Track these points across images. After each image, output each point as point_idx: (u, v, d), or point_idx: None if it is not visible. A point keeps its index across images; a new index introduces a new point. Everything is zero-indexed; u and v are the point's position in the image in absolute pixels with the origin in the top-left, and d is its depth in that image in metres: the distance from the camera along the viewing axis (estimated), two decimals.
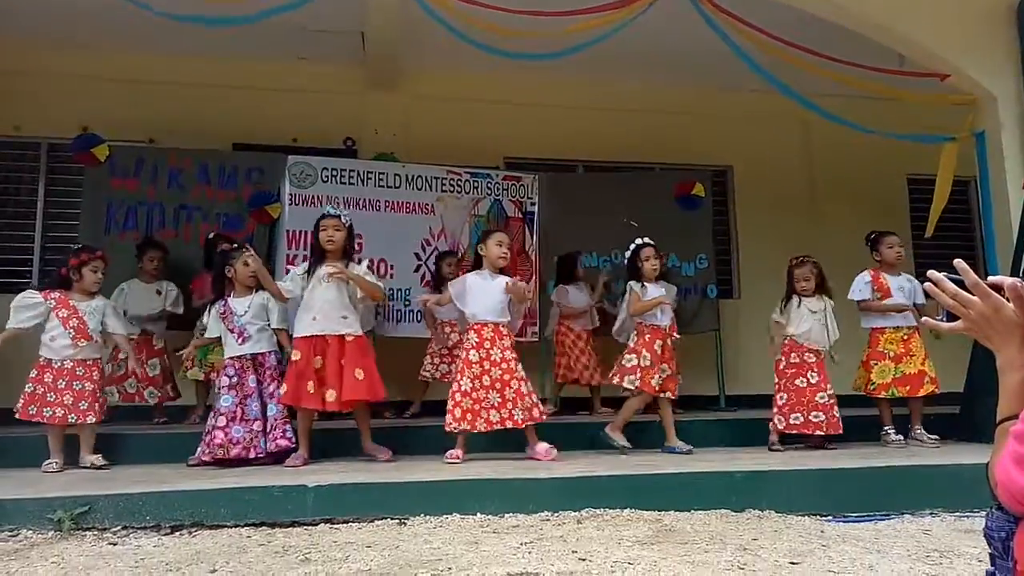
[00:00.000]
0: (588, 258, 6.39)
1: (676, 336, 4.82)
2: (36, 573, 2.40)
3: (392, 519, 3.10)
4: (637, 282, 4.69)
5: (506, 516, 3.13)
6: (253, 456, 4.11)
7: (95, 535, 2.91)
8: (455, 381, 4.19)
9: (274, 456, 4.17)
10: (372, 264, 5.63)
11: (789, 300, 4.77)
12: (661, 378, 4.55)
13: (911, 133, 5.81)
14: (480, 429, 4.10)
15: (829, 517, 3.25)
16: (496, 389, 4.12)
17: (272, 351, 4.36)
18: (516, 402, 4.12)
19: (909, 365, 4.73)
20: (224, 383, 4.24)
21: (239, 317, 4.30)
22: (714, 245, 6.69)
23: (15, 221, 6.21)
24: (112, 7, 4.92)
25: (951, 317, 1.20)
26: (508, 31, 5.00)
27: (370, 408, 4.43)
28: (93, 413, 4.12)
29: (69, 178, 6.12)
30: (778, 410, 4.67)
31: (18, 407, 4.06)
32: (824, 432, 4.58)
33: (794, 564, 2.41)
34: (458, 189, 6.19)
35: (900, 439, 4.67)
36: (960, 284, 1.16)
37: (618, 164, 7.20)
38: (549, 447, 4.14)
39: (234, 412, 4.14)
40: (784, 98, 5.27)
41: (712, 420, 5.52)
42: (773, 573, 2.32)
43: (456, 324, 5.49)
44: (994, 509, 1.12)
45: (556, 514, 3.15)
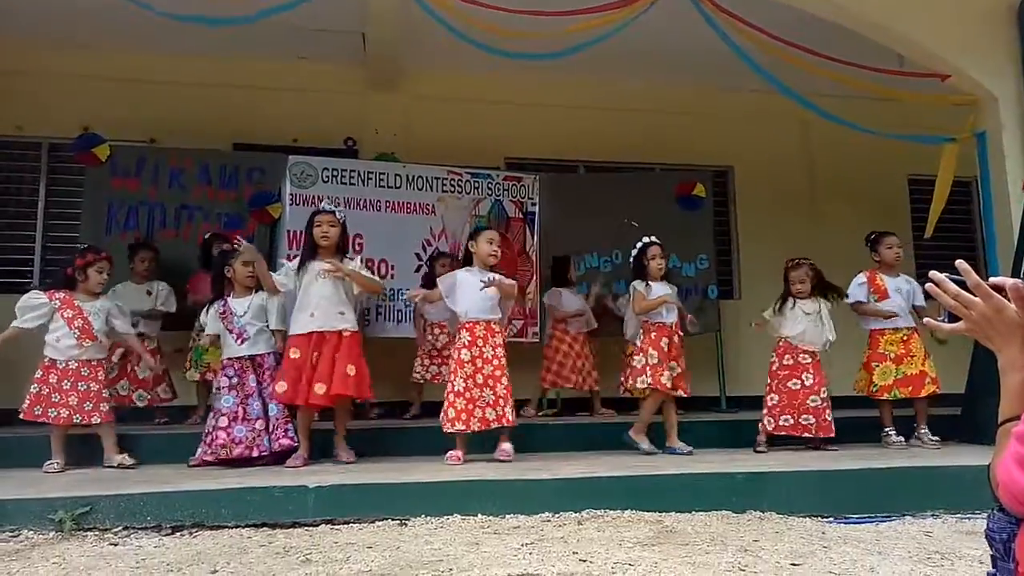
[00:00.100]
0: (590, 258, 6.39)
1: (693, 321, 4.83)
2: (37, 573, 2.40)
3: (393, 520, 3.10)
4: (641, 281, 4.68)
5: (507, 517, 3.14)
6: (256, 455, 4.11)
7: (96, 535, 2.91)
8: (449, 381, 4.19)
9: (277, 456, 4.17)
10: (373, 264, 5.66)
11: (784, 301, 4.77)
12: (671, 375, 4.53)
13: (912, 134, 5.81)
14: (474, 428, 4.09)
15: (830, 518, 3.25)
16: (489, 386, 4.12)
17: (271, 352, 4.36)
18: (507, 399, 4.12)
19: (910, 366, 4.73)
20: (224, 383, 4.24)
21: (239, 318, 4.30)
22: (715, 246, 6.68)
23: (16, 221, 6.21)
24: (113, 7, 4.92)
25: (953, 318, 1.20)
26: (509, 31, 5.00)
27: (352, 409, 4.43)
28: (98, 413, 4.13)
29: (70, 178, 6.12)
30: (768, 411, 4.68)
31: (23, 407, 4.06)
32: (813, 435, 4.59)
33: (795, 565, 2.41)
34: (459, 189, 6.18)
35: (901, 440, 4.67)
36: (962, 285, 1.16)
37: (619, 164, 7.20)
38: (509, 449, 4.14)
39: (236, 412, 4.15)
40: (785, 98, 5.26)
41: (713, 421, 5.52)
42: (774, 574, 2.32)
43: (446, 325, 5.50)
44: (996, 510, 1.12)
45: (557, 515, 3.16)
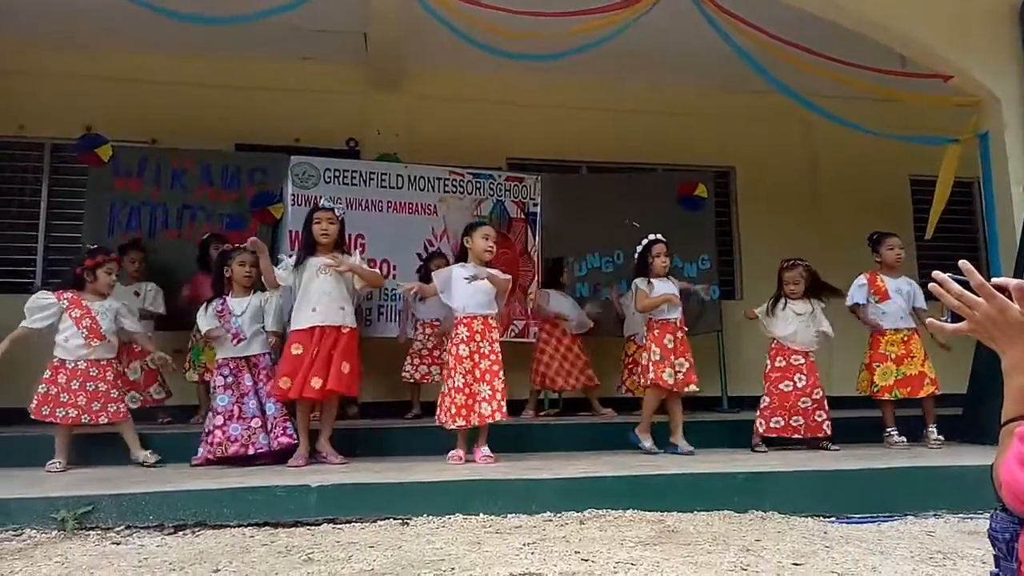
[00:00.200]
0: (591, 258, 6.39)
1: (704, 288, 4.83)
2: (40, 572, 2.41)
3: (395, 519, 3.11)
4: (644, 279, 4.69)
5: (509, 516, 3.14)
6: (252, 453, 4.11)
7: (99, 535, 2.91)
8: (447, 377, 4.16)
9: (276, 454, 4.17)
10: (375, 265, 5.65)
11: (776, 302, 4.79)
12: (675, 372, 4.53)
13: (914, 134, 5.80)
14: (474, 423, 4.08)
15: (832, 518, 3.25)
16: (486, 381, 4.10)
17: (266, 352, 4.37)
18: (503, 395, 4.11)
19: (910, 367, 4.74)
20: (219, 382, 4.25)
21: (236, 318, 4.31)
22: (716, 246, 6.69)
23: (19, 221, 6.22)
24: (115, 7, 4.92)
25: (956, 318, 1.20)
26: (511, 32, 5.00)
27: (338, 406, 4.46)
28: (106, 413, 4.14)
29: (73, 178, 6.13)
30: (760, 412, 4.70)
31: (32, 407, 4.07)
32: (802, 436, 4.61)
33: (797, 565, 2.41)
34: (461, 190, 6.19)
35: (903, 440, 4.67)
36: (965, 285, 1.16)
37: (621, 165, 7.20)
38: (488, 454, 4.11)
39: (231, 411, 4.16)
40: (786, 99, 5.26)
41: (714, 421, 5.52)
42: (776, 574, 2.32)
43: (436, 324, 5.50)
44: (998, 510, 1.12)
45: (559, 515, 3.16)
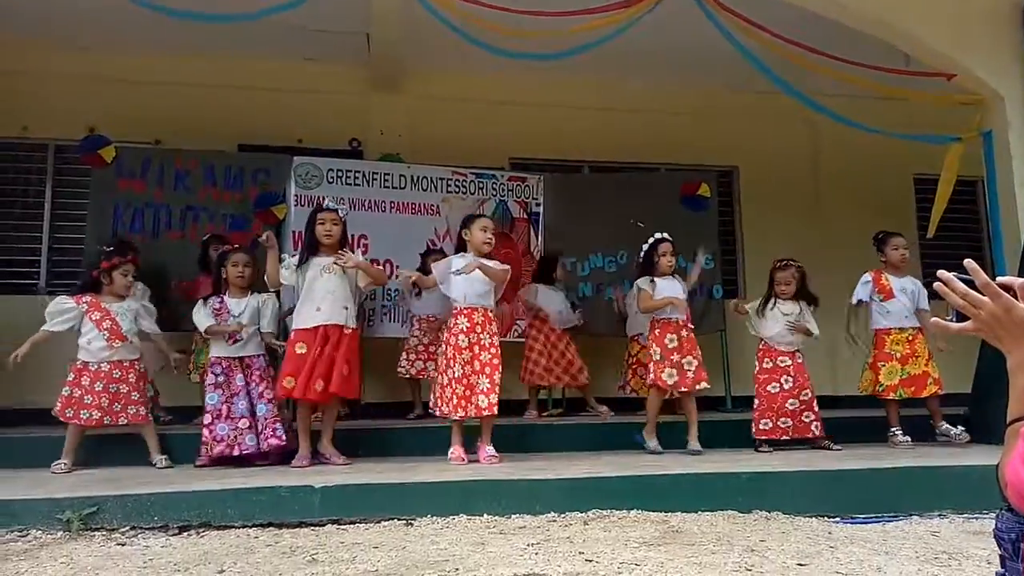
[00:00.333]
0: (595, 258, 6.39)
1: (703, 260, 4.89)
2: (45, 573, 2.42)
3: (399, 520, 3.11)
4: (648, 278, 4.68)
5: (513, 517, 3.14)
6: (237, 453, 4.10)
7: (104, 535, 2.92)
8: (445, 368, 4.13)
9: (265, 455, 4.18)
10: (377, 265, 5.66)
11: (766, 302, 4.80)
12: (679, 371, 4.52)
13: (917, 133, 5.79)
14: (471, 414, 4.07)
15: (837, 518, 3.25)
16: (486, 374, 4.08)
17: (261, 354, 4.38)
18: (499, 389, 4.10)
19: (914, 366, 4.74)
20: (210, 381, 4.25)
21: (234, 318, 4.32)
22: (719, 245, 6.68)
23: (23, 222, 6.23)
24: (118, 8, 4.93)
25: (960, 317, 1.19)
26: (513, 31, 5.00)
27: (338, 408, 4.46)
28: (126, 415, 4.17)
29: (76, 179, 6.14)
30: (753, 413, 4.72)
31: (56, 409, 4.13)
32: (791, 437, 4.63)
33: (802, 566, 2.41)
34: (463, 190, 6.19)
35: (908, 440, 4.67)
36: (970, 284, 1.16)
37: (623, 165, 7.19)
38: (494, 453, 4.10)
39: (219, 410, 4.16)
40: (790, 98, 5.26)
41: (718, 421, 5.51)
42: (780, 575, 2.31)
43: (433, 320, 5.48)
44: (1004, 510, 1.12)
45: (563, 515, 3.16)
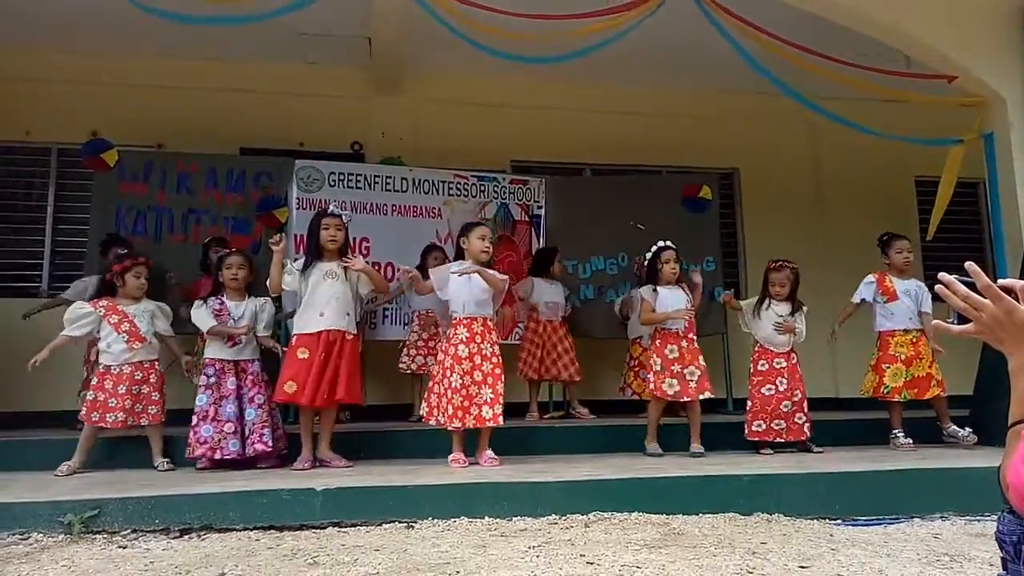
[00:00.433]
0: (596, 260, 6.39)
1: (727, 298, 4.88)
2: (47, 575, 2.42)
3: (400, 522, 3.11)
4: (650, 287, 4.69)
5: (514, 519, 3.14)
6: (219, 457, 4.09)
7: (105, 538, 2.92)
8: (442, 376, 4.11)
9: (251, 460, 4.17)
10: (379, 268, 5.67)
11: (761, 303, 4.80)
12: (681, 381, 4.52)
13: (918, 135, 5.79)
14: (470, 425, 4.06)
15: (838, 521, 3.24)
16: (488, 384, 4.07)
17: (256, 359, 4.38)
18: (502, 399, 4.10)
19: (918, 368, 4.75)
20: (202, 382, 4.24)
21: (234, 320, 4.33)
22: (721, 248, 6.68)
23: (25, 226, 6.24)
24: (120, 12, 4.95)
25: (962, 320, 1.19)
26: (514, 35, 5.00)
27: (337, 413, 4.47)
28: (147, 415, 4.19)
29: (79, 183, 6.16)
30: (746, 415, 4.72)
31: (81, 414, 4.18)
32: (784, 439, 4.62)
33: (803, 568, 2.40)
34: (465, 193, 6.20)
35: (909, 442, 4.67)
36: (971, 287, 1.16)
37: (625, 167, 7.19)
38: (493, 456, 4.11)
39: (206, 411, 4.15)
40: (791, 100, 5.26)
41: (720, 423, 5.50)
42: None
43: (432, 314, 5.48)
44: (1005, 513, 1.12)
45: (564, 517, 3.15)
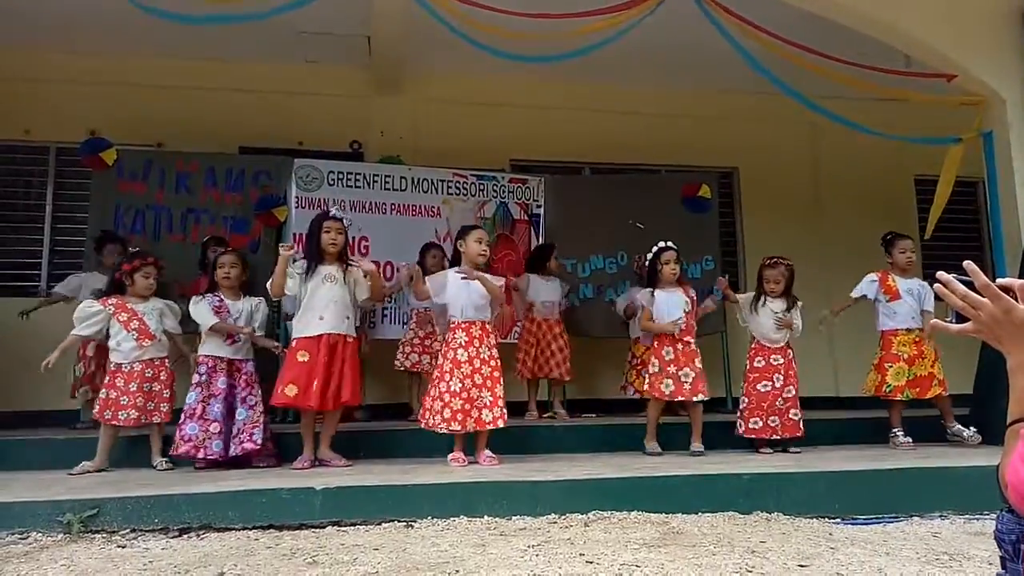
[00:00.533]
0: (595, 259, 6.39)
1: (709, 307, 4.78)
2: (46, 575, 2.41)
3: (400, 521, 3.11)
4: (649, 292, 4.69)
5: (513, 518, 3.14)
6: (203, 456, 4.08)
7: (104, 538, 2.92)
8: (441, 380, 4.09)
9: (245, 459, 4.16)
10: (378, 267, 5.66)
11: (756, 299, 4.81)
12: (673, 383, 4.52)
13: (918, 135, 5.79)
14: (470, 429, 4.07)
15: (837, 519, 3.24)
16: (487, 387, 4.09)
17: (251, 359, 4.39)
18: (502, 400, 4.11)
19: (920, 367, 4.75)
20: (194, 380, 4.24)
21: (234, 319, 4.33)
22: (720, 247, 6.68)
23: (24, 225, 6.24)
24: (119, 12, 4.95)
25: (960, 319, 1.19)
26: (514, 34, 5.00)
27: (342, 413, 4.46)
28: (159, 413, 4.22)
29: (77, 182, 6.16)
30: (740, 413, 4.72)
31: (95, 412, 4.21)
32: (780, 436, 4.61)
33: (802, 567, 2.40)
34: (464, 192, 6.20)
35: (909, 441, 4.67)
36: (970, 286, 1.16)
37: (624, 166, 7.20)
38: (492, 455, 4.11)
39: (193, 409, 4.14)
40: (790, 100, 5.26)
41: (719, 422, 5.50)
42: None
43: (430, 312, 5.47)
44: (1004, 511, 1.12)
45: (563, 516, 3.15)
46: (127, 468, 4.19)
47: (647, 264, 4.82)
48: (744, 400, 4.73)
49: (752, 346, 4.80)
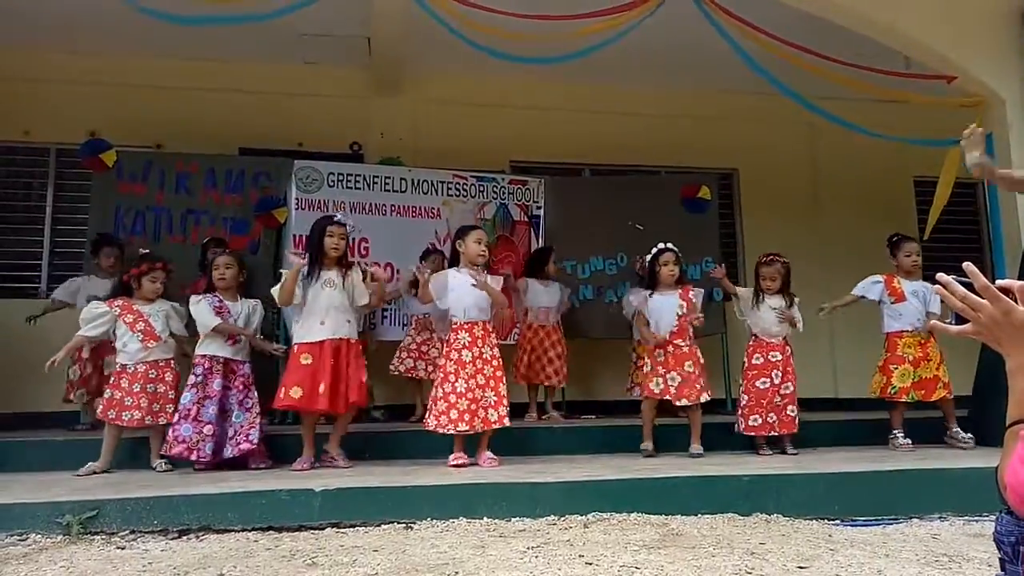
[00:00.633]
0: (595, 261, 6.39)
1: (699, 317, 4.65)
2: None
3: (399, 523, 3.11)
4: (645, 296, 4.69)
5: (513, 520, 3.13)
6: (195, 458, 4.07)
7: (103, 539, 2.92)
8: (446, 381, 4.08)
9: (231, 461, 4.16)
10: (378, 268, 5.68)
11: (755, 296, 4.80)
12: (662, 383, 4.52)
13: (917, 136, 5.79)
14: (478, 429, 4.07)
15: (837, 521, 3.24)
16: (491, 387, 4.09)
17: (248, 361, 4.39)
18: (506, 400, 4.12)
19: (926, 370, 4.75)
20: (190, 380, 4.23)
21: (233, 321, 4.33)
22: (720, 248, 6.68)
23: (24, 226, 6.25)
24: (119, 13, 4.96)
25: (960, 320, 1.19)
26: (514, 35, 5.01)
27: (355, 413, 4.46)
28: (164, 415, 4.20)
29: (77, 183, 6.17)
30: (739, 412, 4.71)
31: (98, 411, 4.24)
32: (778, 432, 4.60)
33: (802, 568, 2.40)
34: (464, 193, 6.20)
35: (908, 443, 4.67)
36: (969, 287, 1.16)
37: (624, 167, 7.20)
38: (492, 456, 4.12)
39: (188, 410, 4.12)
40: (789, 101, 5.26)
41: (719, 423, 5.50)
42: None
43: (430, 318, 5.46)
44: (1003, 513, 1.12)
45: (563, 518, 3.15)
46: (127, 469, 4.19)
47: (647, 265, 4.82)
48: (743, 398, 4.71)
49: (750, 343, 4.79)
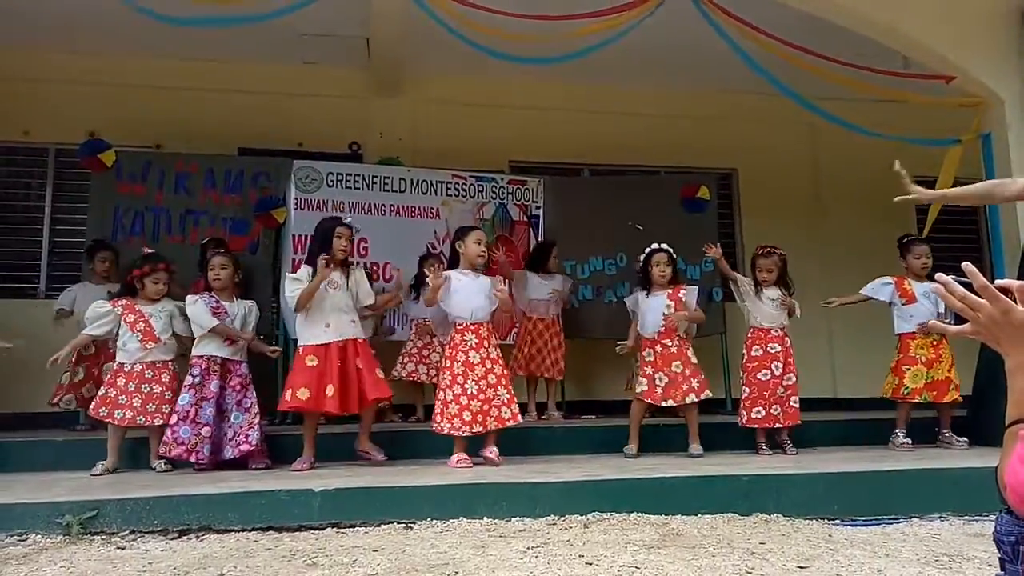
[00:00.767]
0: (595, 261, 6.39)
1: (683, 315, 4.54)
2: None
3: (399, 523, 3.11)
4: (636, 298, 4.71)
5: (513, 520, 3.13)
6: (194, 460, 4.07)
7: (103, 539, 2.92)
8: (455, 384, 4.06)
9: (231, 462, 4.16)
10: (378, 268, 5.70)
11: (754, 288, 4.81)
12: (647, 383, 4.52)
13: (917, 136, 5.79)
14: (491, 428, 4.08)
15: (837, 521, 3.24)
16: (503, 385, 4.12)
17: (245, 361, 4.39)
18: (515, 398, 4.14)
19: (938, 371, 4.75)
20: (187, 381, 4.22)
21: (231, 321, 4.33)
22: (720, 248, 6.66)
23: (23, 226, 6.24)
24: (118, 13, 4.95)
25: (959, 320, 1.20)
26: (513, 35, 5.01)
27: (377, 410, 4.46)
28: (161, 415, 4.18)
29: (76, 183, 6.16)
30: (741, 405, 4.69)
31: (91, 408, 4.23)
32: (782, 424, 4.60)
33: (802, 568, 2.40)
34: (463, 193, 6.20)
35: (908, 442, 4.67)
36: (968, 287, 1.16)
37: (623, 167, 7.20)
38: (495, 450, 4.14)
39: (187, 411, 4.12)
40: (789, 101, 5.26)
41: (718, 423, 5.51)
42: None
43: (429, 323, 5.45)
44: (1003, 513, 1.12)
45: (563, 518, 3.15)
46: (127, 470, 4.19)
47: (641, 265, 4.83)
48: (745, 390, 4.68)
49: (749, 335, 4.78)
